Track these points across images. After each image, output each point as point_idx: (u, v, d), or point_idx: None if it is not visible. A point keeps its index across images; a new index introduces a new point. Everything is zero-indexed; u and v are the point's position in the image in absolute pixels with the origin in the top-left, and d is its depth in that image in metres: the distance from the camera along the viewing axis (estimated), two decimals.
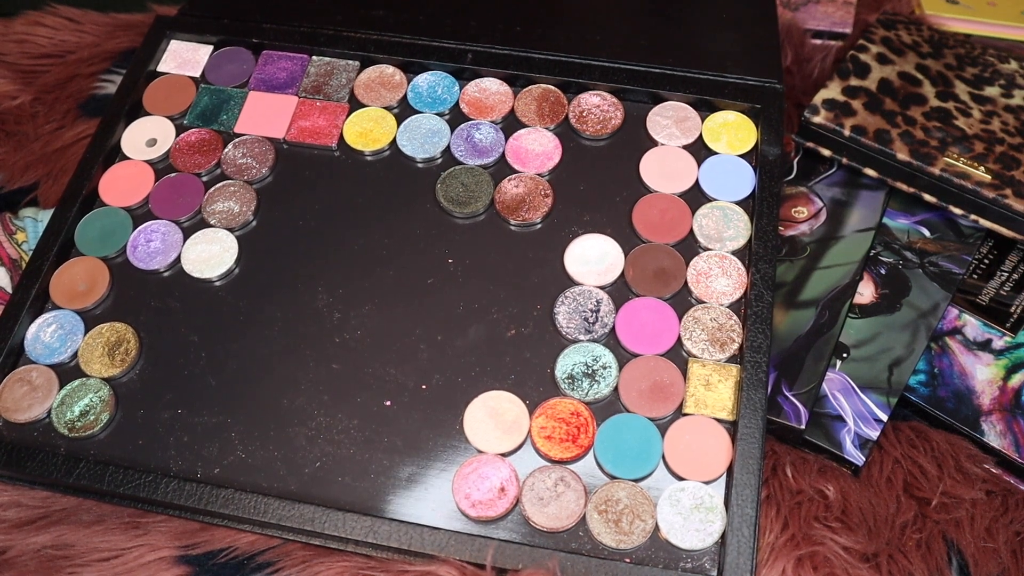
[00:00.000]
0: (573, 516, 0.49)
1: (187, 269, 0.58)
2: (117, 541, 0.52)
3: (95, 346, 0.56)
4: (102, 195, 0.61)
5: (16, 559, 0.52)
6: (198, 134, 0.62)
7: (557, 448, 0.51)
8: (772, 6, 0.69)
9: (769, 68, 0.63)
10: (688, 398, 0.52)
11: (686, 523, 0.49)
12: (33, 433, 0.54)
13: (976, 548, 0.54)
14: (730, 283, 0.55)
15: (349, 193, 0.60)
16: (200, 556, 0.52)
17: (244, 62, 0.65)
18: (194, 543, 0.52)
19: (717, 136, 0.60)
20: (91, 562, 0.51)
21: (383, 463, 0.52)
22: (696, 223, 0.57)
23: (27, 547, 0.52)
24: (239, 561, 0.52)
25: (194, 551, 0.52)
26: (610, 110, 0.61)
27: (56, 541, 0.52)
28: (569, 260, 0.57)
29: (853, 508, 0.54)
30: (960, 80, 0.65)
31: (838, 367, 0.58)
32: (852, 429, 0.56)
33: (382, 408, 0.53)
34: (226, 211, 0.60)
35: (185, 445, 0.53)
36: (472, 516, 0.50)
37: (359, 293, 0.57)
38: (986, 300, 0.61)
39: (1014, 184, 0.59)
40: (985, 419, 0.57)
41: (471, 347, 0.55)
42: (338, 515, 0.50)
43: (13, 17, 0.82)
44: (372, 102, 0.63)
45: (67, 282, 0.58)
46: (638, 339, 0.54)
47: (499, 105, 0.62)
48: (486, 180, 0.59)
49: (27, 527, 0.53)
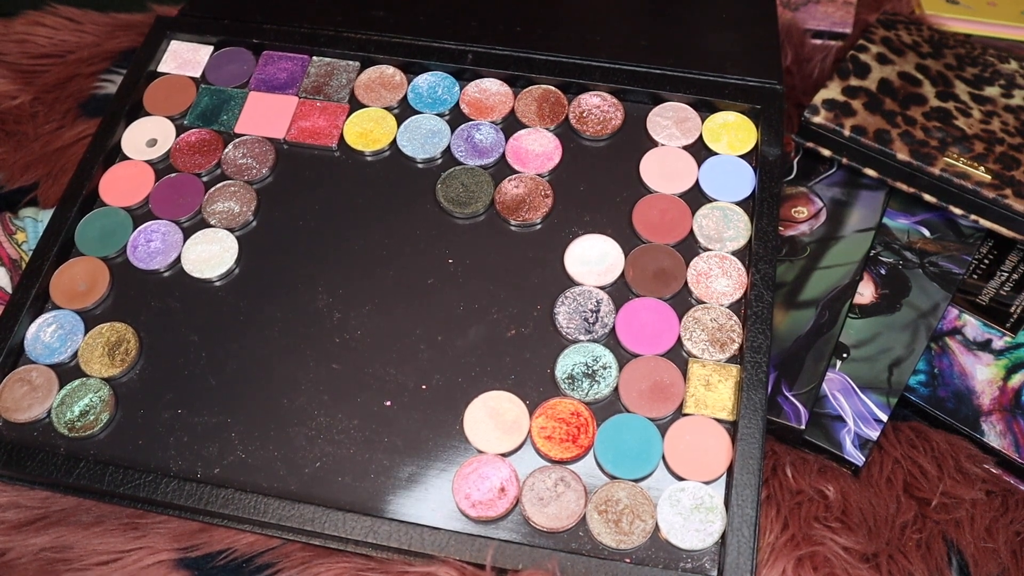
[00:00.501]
0: (573, 516, 0.49)
1: (187, 269, 0.58)
2: (116, 544, 0.52)
3: (95, 346, 0.55)
4: (102, 195, 0.61)
5: (15, 561, 0.52)
6: (198, 134, 0.62)
7: (557, 448, 0.51)
8: (772, 6, 0.69)
9: (769, 69, 0.63)
10: (688, 398, 0.52)
11: (686, 523, 0.49)
12: (33, 433, 0.54)
13: (976, 548, 0.54)
14: (730, 283, 0.55)
15: (349, 193, 0.60)
16: (199, 558, 0.52)
17: (244, 62, 0.65)
18: (193, 545, 0.52)
19: (717, 136, 0.60)
20: (90, 566, 0.51)
21: (383, 463, 0.52)
22: (696, 223, 0.57)
23: (26, 549, 0.52)
24: (238, 563, 0.52)
25: (193, 553, 0.52)
26: (610, 111, 0.61)
27: (55, 543, 0.52)
28: (569, 260, 0.57)
29: (853, 508, 0.54)
30: (960, 80, 0.66)
31: (838, 367, 0.58)
32: (852, 429, 0.56)
33: (382, 408, 0.53)
34: (226, 211, 0.60)
35: (185, 445, 0.53)
36: (472, 516, 0.50)
37: (359, 293, 0.57)
38: (986, 300, 0.61)
39: (1014, 184, 0.59)
40: (985, 419, 0.57)
41: (471, 347, 0.55)
42: (338, 515, 0.50)
43: (13, 17, 0.82)
44: (372, 102, 0.63)
45: (67, 282, 0.58)
46: (638, 339, 0.54)
47: (499, 106, 0.62)
48: (486, 180, 0.59)
49: (26, 528, 0.53)
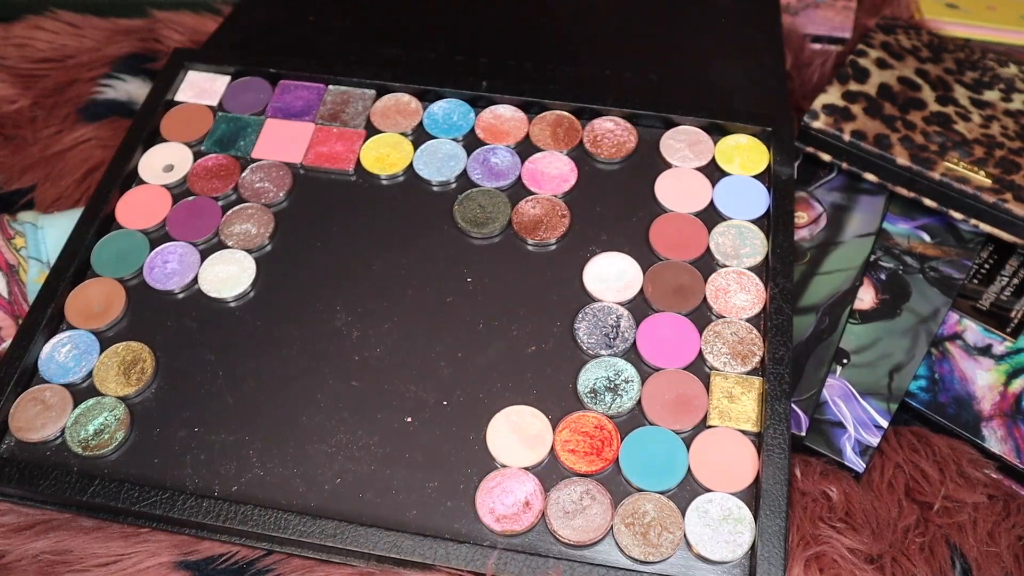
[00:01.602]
0: (600, 529, 0.49)
1: (205, 289, 0.57)
2: (116, 547, 0.51)
3: (110, 365, 0.55)
4: (119, 219, 0.61)
5: (14, 564, 0.50)
6: (215, 159, 0.63)
7: (582, 461, 0.51)
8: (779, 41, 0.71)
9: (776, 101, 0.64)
10: (712, 410, 0.52)
11: (715, 534, 0.48)
12: (46, 452, 0.53)
13: (979, 552, 0.53)
14: (749, 298, 0.55)
15: (366, 215, 0.60)
16: (199, 562, 0.51)
17: (261, 91, 0.66)
18: (193, 548, 0.51)
19: (730, 158, 0.61)
20: (90, 567, 0.50)
21: (405, 479, 0.51)
22: (713, 241, 0.58)
23: (26, 552, 0.51)
24: (238, 566, 0.51)
25: (193, 556, 0.51)
26: (624, 134, 0.62)
27: (55, 547, 0.51)
28: (588, 278, 0.57)
29: (856, 510, 0.54)
30: (960, 84, 0.66)
31: (838, 373, 0.58)
32: (852, 435, 0.56)
33: (403, 425, 0.53)
34: (243, 233, 0.60)
35: (202, 463, 0.52)
36: (497, 531, 0.49)
37: (378, 312, 0.57)
38: (986, 305, 0.62)
39: (1014, 188, 0.59)
40: (986, 424, 0.57)
41: (492, 364, 0.54)
42: (360, 530, 0.49)
43: (13, 21, 0.82)
44: (388, 129, 0.64)
45: (82, 303, 0.57)
46: (659, 353, 0.54)
47: (514, 131, 0.63)
48: (503, 201, 0.60)
49: (26, 532, 0.52)
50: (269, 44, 0.71)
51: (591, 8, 0.76)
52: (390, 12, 0.75)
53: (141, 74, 0.79)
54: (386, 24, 0.73)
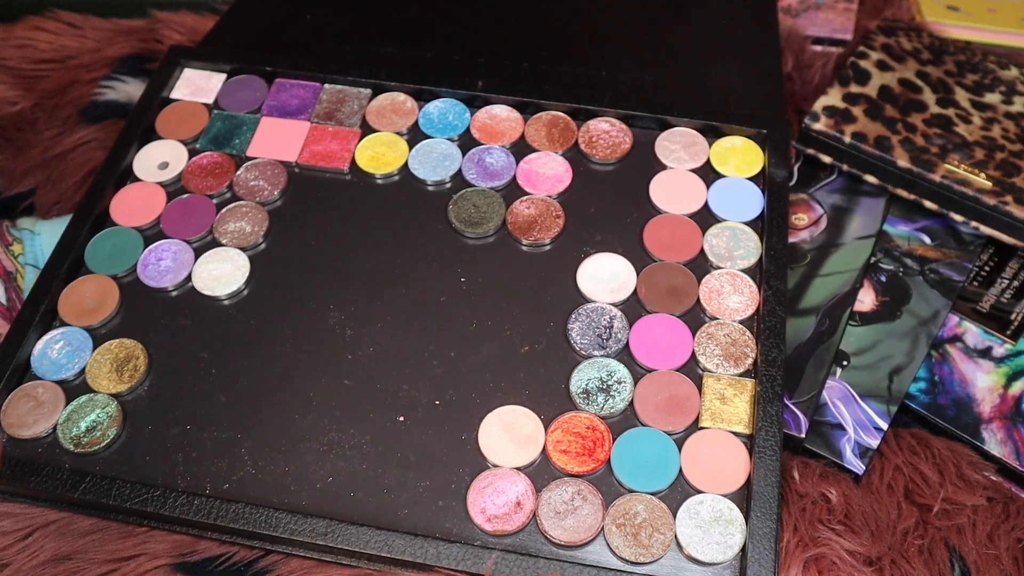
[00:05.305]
0: (591, 530, 0.49)
1: (198, 287, 0.57)
2: (115, 550, 0.51)
3: (103, 362, 0.55)
4: (113, 216, 0.61)
5: (14, 572, 0.50)
6: (210, 157, 0.63)
7: (574, 462, 0.51)
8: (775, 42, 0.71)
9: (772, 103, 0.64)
10: (704, 412, 0.52)
11: (706, 536, 0.48)
12: (37, 449, 0.53)
13: (978, 555, 0.53)
14: (742, 300, 0.55)
15: (361, 214, 0.60)
16: (198, 563, 0.51)
17: (257, 89, 0.66)
18: (192, 550, 0.51)
19: (724, 160, 0.61)
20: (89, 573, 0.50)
21: (396, 478, 0.51)
22: (707, 243, 0.58)
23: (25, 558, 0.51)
24: (237, 568, 0.51)
25: (192, 558, 0.51)
26: (619, 135, 0.62)
27: (54, 552, 0.51)
28: (581, 278, 0.57)
29: (856, 511, 0.54)
30: (960, 87, 0.66)
31: (838, 375, 0.58)
32: (852, 437, 0.56)
33: (395, 424, 0.53)
34: (238, 231, 0.60)
35: (194, 460, 0.52)
36: (488, 530, 0.49)
37: (371, 311, 0.57)
38: (987, 307, 0.62)
39: (1015, 191, 0.59)
40: (986, 427, 0.57)
41: (484, 363, 0.54)
42: (351, 529, 0.49)
43: (14, 22, 0.81)
44: (384, 128, 0.64)
45: (76, 299, 0.57)
46: (652, 354, 0.54)
47: (509, 131, 0.63)
48: (498, 201, 0.60)
49: (26, 538, 0.52)
50: (265, 42, 0.71)
51: (588, 9, 0.76)
52: (386, 11, 0.75)
53: (141, 75, 0.78)
54: (382, 23, 0.73)
